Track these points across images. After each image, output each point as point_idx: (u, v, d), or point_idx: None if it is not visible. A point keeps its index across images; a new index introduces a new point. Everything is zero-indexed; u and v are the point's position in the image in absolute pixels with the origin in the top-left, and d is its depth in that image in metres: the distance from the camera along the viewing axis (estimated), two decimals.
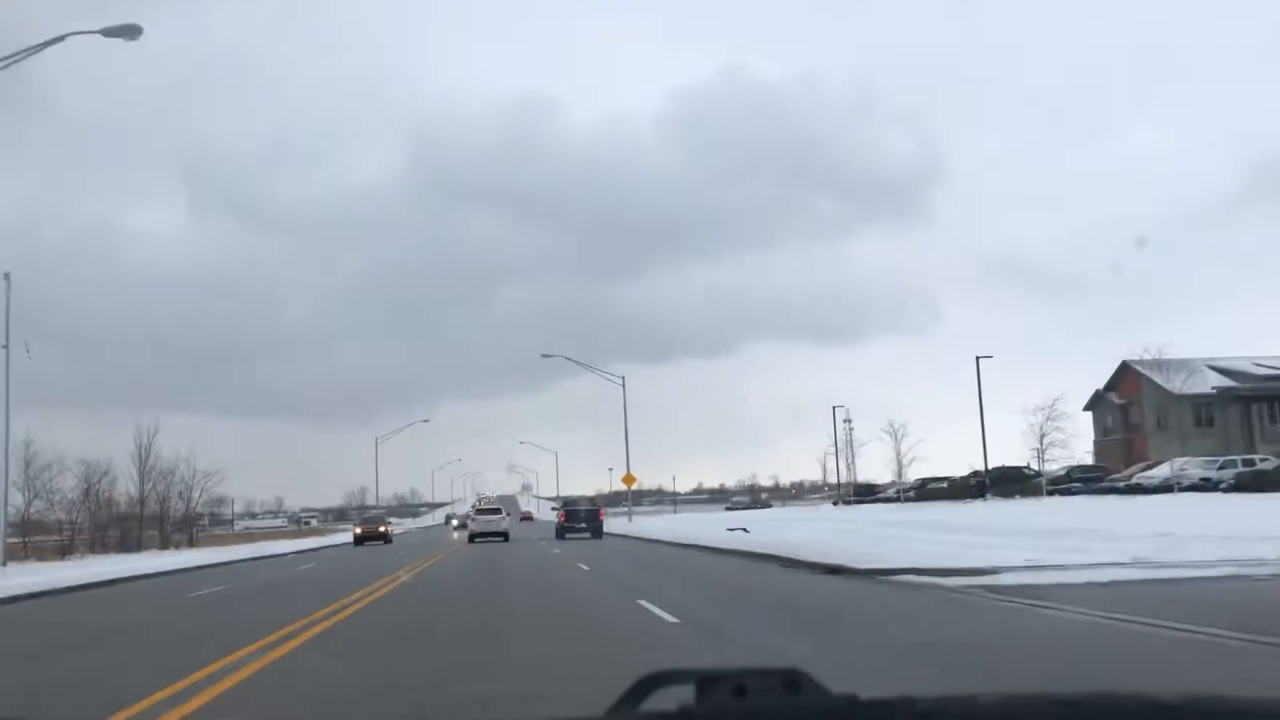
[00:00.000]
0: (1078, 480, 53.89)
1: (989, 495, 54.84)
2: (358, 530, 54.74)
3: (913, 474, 78.15)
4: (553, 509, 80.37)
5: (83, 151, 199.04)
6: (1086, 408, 62.94)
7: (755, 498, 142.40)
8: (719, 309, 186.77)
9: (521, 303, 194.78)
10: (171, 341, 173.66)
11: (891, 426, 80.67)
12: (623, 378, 56.03)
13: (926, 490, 65.69)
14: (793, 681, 1.31)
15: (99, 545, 51.13)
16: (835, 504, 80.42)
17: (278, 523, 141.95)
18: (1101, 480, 53.00)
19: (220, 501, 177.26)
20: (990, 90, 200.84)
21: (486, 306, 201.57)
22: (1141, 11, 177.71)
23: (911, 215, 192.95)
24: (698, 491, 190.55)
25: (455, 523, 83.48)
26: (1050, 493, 51.74)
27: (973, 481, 59.79)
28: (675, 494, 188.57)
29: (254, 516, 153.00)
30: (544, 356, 53.84)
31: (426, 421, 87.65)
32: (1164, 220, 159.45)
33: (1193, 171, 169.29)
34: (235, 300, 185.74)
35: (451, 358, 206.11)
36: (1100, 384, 65.99)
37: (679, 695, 1.29)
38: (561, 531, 46.30)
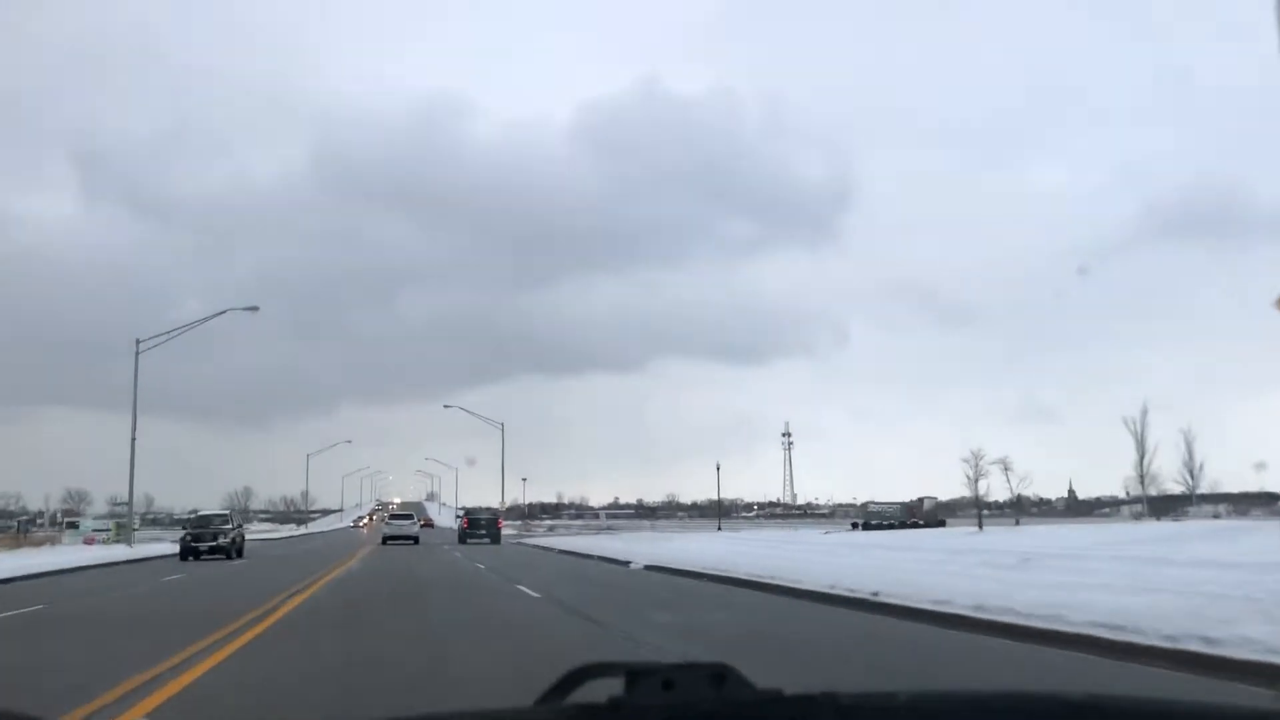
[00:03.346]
0: None
1: None
2: None
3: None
4: (456, 515, 75.76)
5: None
6: None
7: (913, 509, 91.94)
8: (627, 324, 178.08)
9: (426, 308, 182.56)
10: (53, 333, 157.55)
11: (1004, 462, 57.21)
12: None
13: None
14: (719, 676, 1.32)
15: None
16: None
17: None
18: None
19: (81, 498, 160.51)
20: (901, 116, 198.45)
21: (390, 310, 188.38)
22: (1049, 50, 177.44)
23: (823, 236, 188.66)
24: (615, 506, 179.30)
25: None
26: None
27: None
28: (595, 509, 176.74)
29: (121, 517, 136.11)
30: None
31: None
32: (1067, 251, 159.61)
33: (1096, 204, 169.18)
34: (124, 292, 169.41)
35: (353, 361, 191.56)
36: None
37: (608, 687, 1.32)
38: (464, 537, 49.92)
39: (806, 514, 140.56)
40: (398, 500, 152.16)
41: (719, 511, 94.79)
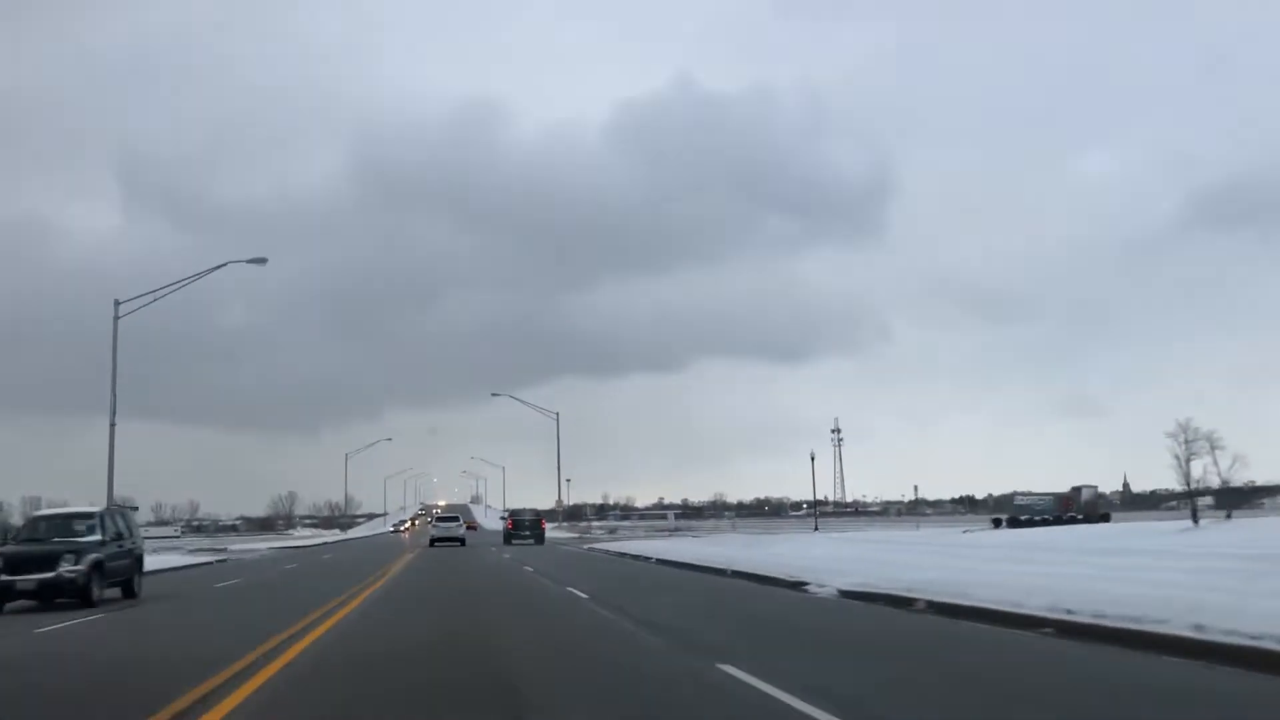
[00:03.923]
0: None
1: None
2: None
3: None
4: (500, 517, 78.70)
5: (13, 145, 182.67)
6: None
7: (1068, 501, 70.78)
8: (669, 324, 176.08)
9: (469, 310, 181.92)
10: (99, 342, 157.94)
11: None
12: None
13: None
14: None
15: None
16: None
17: (166, 530, 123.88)
18: None
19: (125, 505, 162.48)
20: (942, 109, 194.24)
21: (433, 313, 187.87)
22: (1092, 39, 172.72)
23: (863, 233, 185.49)
24: (661, 506, 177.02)
25: None
26: None
27: None
28: (640, 509, 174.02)
29: (165, 524, 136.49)
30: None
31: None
32: (1110, 243, 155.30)
33: (1140, 196, 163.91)
34: (172, 299, 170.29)
35: (397, 365, 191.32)
36: None
37: None
38: (509, 538, 52.13)
39: (858, 512, 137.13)
40: (442, 503, 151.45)
41: (815, 510, 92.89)
